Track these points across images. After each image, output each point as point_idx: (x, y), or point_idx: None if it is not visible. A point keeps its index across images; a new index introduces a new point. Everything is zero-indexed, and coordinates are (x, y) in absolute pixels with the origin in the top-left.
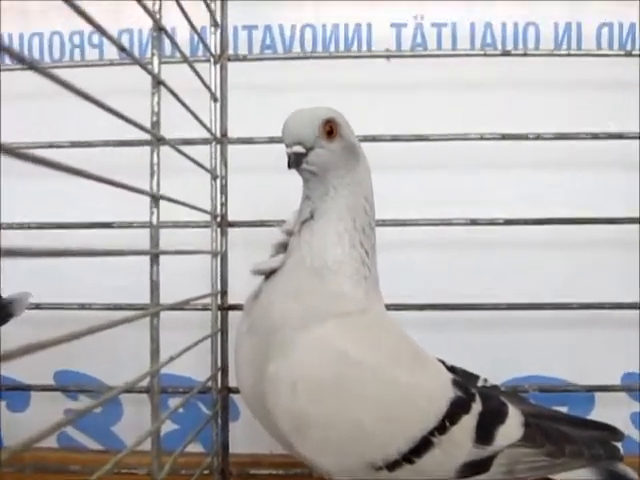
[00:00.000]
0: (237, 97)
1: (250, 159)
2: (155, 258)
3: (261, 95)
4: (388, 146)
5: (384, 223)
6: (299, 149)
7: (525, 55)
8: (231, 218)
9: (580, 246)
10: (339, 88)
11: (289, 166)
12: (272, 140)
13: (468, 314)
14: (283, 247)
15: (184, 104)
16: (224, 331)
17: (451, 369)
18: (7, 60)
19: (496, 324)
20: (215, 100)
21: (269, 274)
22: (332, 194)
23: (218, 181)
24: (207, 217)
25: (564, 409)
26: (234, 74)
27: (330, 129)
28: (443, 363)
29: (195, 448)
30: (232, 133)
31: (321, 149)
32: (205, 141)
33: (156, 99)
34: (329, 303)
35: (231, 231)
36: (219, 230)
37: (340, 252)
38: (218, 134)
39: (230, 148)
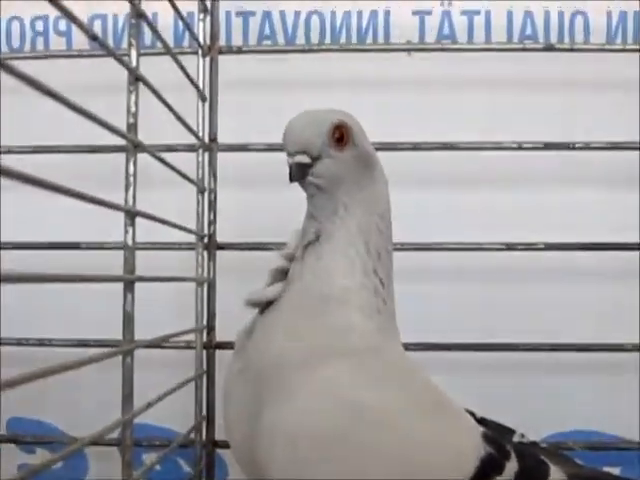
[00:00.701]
0: (229, 96)
1: (244, 169)
2: (129, 285)
3: (258, 94)
4: (409, 156)
5: (403, 247)
6: (303, 159)
7: (572, 50)
8: (220, 239)
9: None
10: (351, 87)
11: (291, 179)
12: (270, 147)
13: (503, 356)
14: (282, 274)
15: (166, 104)
16: (210, 373)
17: (482, 422)
18: None
19: (536, 368)
20: (203, 99)
21: (265, 306)
22: (342, 213)
23: (206, 195)
24: (192, 238)
25: (616, 470)
26: (226, 69)
27: (340, 135)
28: (472, 414)
29: None
30: (223, 138)
31: (330, 159)
32: (191, 148)
33: (133, 98)
34: (335, 339)
35: (220, 255)
36: (206, 253)
37: (350, 280)
38: (206, 139)
39: (220, 156)
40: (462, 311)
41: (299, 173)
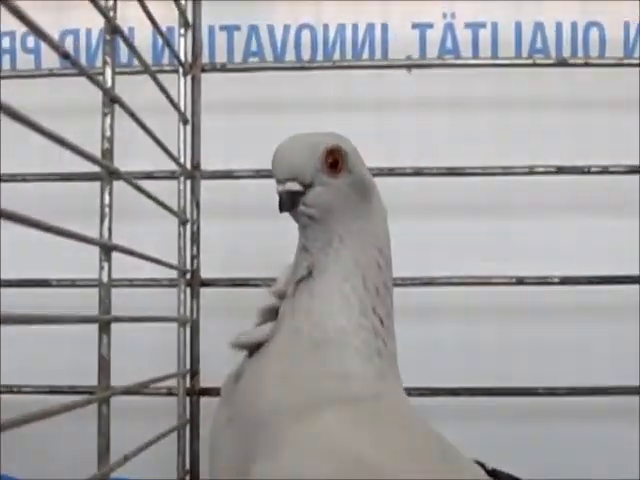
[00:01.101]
0: (213, 118)
1: (230, 198)
2: (105, 326)
3: (245, 116)
4: (411, 182)
5: (404, 282)
6: (294, 186)
7: (587, 65)
8: (205, 275)
9: None
10: (346, 107)
11: (281, 209)
12: (259, 174)
13: (515, 401)
14: (272, 313)
15: (145, 127)
16: (194, 423)
17: (493, 473)
18: None
19: (552, 414)
20: (185, 122)
21: (254, 349)
22: (337, 245)
23: (188, 227)
24: (174, 273)
25: None
26: (210, 88)
27: (334, 161)
28: (482, 466)
29: None
30: (206, 165)
31: (323, 186)
32: (172, 175)
33: (108, 121)
34: (331, 386)
35: (204, 292)
36: (189, 291)
37: (346, 320)
38: (188, 166)
39: (204, 184)
40: (470, 352)
41: (289, 202)
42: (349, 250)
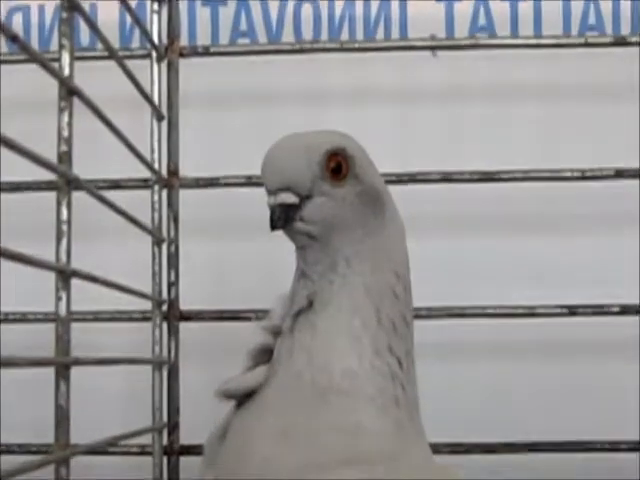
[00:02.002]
0: (194, 114)
1: (215, 212)
2: (63, 370)
3: (232, 111)
4: (435, 190)
5: (429, 313)
6: (288, 198)
7: None
8: (185, 306)
9: None
10: (355, 99)
11: (273, 225)
12: (250, 182)
13: (568, 458)
14: (266, 355)
15: (110, 125)
16: None
17: None
18: None
19: (623, 472)
20: (160, 118)
21: (244, 398)
22: (343, 269)
23: (164, 247)
24: (147, 304)
25: None
26: (190, 77)
27: (338, 166)
28: None
29: None
30: (186, 171)
31: (324, 197)
32: (144, 183)
33: (66, 118)
34: (339, 444)
35: (185, 327)
36: (166, 326)
37: (357, 362)
38: (164, 172)
39: (184, 194)
40: (508, 399)
41: (283, 217)
42: (358, 276)
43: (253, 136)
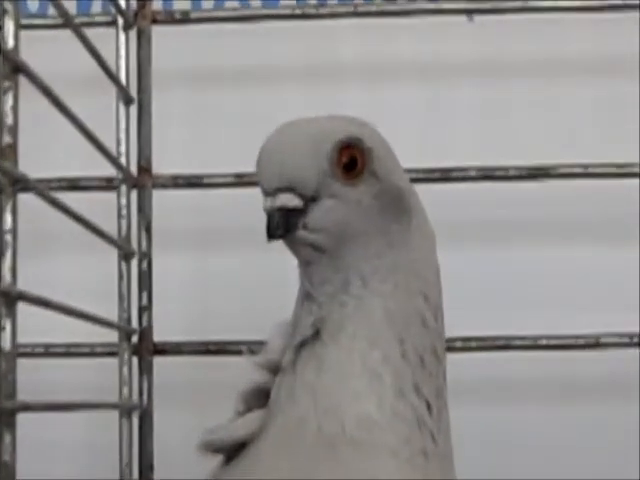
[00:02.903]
0: (171, 96)
1: (196, 219)
2: (8, 417)
3: (217, 92)
4: (472, 190)
5: (465, 344)
6: (291, 201)
7: None
8: (160, 337)
9: None
10: (371, 77)
11: (271, 234)
12: (240, 181)
13: None
14: (261, 397)
15: (66, 110)
16: None
17: None
18: None
19: None
20: (128, 101)
21: (234, 451)
22: (357, 290)
23: (134, 263)
24: (113, 335)
25: None
26: (165, 50)
27: (352, 160)
28: None
29: None
30: (161, 167)
31: (333, 200)
32: (108, 183)
33: (10, 101)
34: None
35: (160, 363)
36: (136, 361)
37: (374, 406)
38: (133, 169)
39: (158, 197)
40: (565, 447)
41: (284, 224)
42: (377, 298)
43: (246, 124)
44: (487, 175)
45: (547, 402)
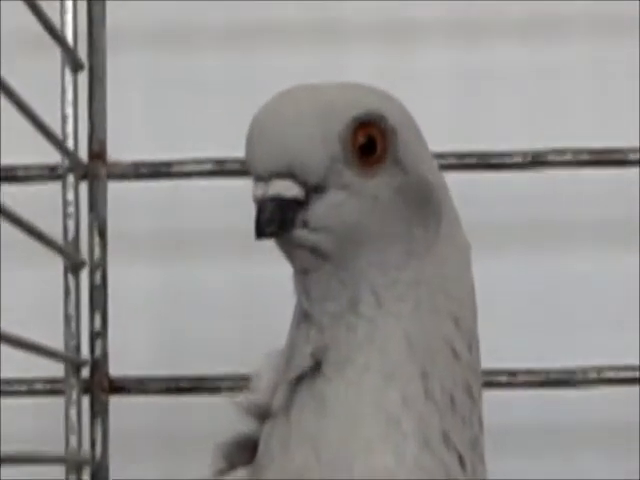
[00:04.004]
0: (131, 61)
1: (164, 217)
2: None
3: (193, 56)
4: (519, 181)
5: (514, 380)
6: (289, 190)
7: None
8: (117, 371)
9: None
10: (388, 37)
11: (260, 231)
12: (220, 169)
13: None
14: (245, 450)
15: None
16: None
17: None
18: None
19: None
20: (76, 67)
21: None
22: (370, 310)
23: (84, 275)
24: (59, 368)
25: None
26: (123, 4)
27: (370, 142)
28: None
29: None
30: (118, 152)
31: (344, 192)
32: (51, 173)
33: None
34: None
35: (117, 405)
36: (88, 401)
37: (393, 459)
38: (83, 154)
39: (114, 189)
40: None
41: (278, 218)
42: (395, 320)
43: (228, 96)
44: (536, 160)
45: (615, 454)
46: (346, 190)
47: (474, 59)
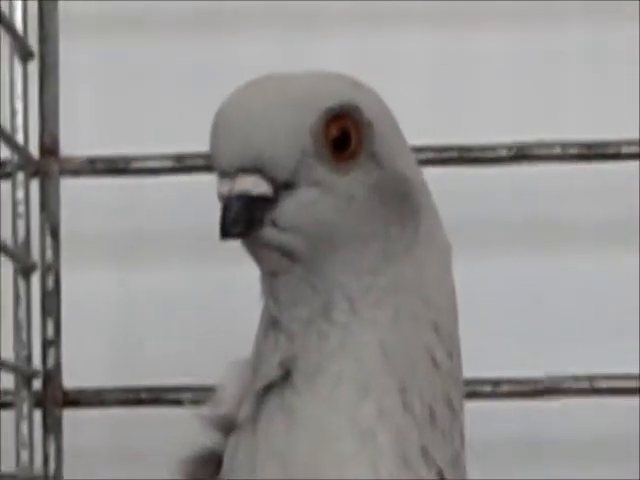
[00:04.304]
0: (85, 48)
1: (121, 217)
2: None
3: (152, 42)
4: (506, 175)
5: (497, 389)
6: (256, 185)
7: None
8: (72, 382)
9: None
10: (361, 20)
11: (225, 230)
12: (182, 165)
13: None
14: (208, 465)
15: None
16: None
17: None
18: None
19: None
20: (26, 56)
21: None
22: (342, 316)
23: (36, 278)
24: (8, 379)
25: None
26: None
27: (344, 135)
28: None
29: None
30: (72, 146)
31: (315, 189)
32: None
33: None
34: None
35: (71, 418)
36: (40, 415)
37: (367, 475)
38: (34, 149)
39: (67, 187)
40: None
41: (244, 217)
42: (370, 327)
43: (191, 86)
44: (521, 153)
45: (613, 466)
46: (318, 187)
47: (455, 44)
